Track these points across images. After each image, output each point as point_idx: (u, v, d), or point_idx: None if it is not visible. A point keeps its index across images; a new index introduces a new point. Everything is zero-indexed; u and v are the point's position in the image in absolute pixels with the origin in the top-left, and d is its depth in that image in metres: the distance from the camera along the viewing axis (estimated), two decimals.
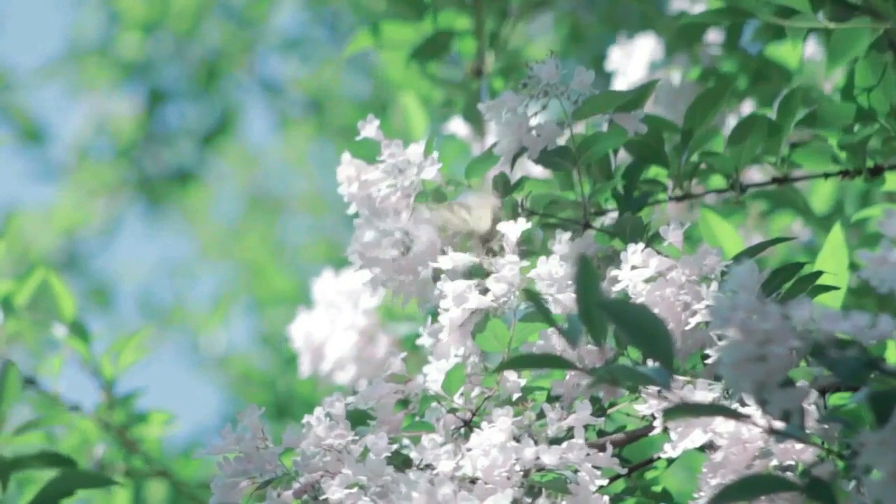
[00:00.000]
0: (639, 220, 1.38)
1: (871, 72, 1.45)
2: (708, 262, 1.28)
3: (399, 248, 1.39)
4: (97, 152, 4.83)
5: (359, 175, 1.42)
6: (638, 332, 1.06)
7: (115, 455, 2.10)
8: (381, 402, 1.30)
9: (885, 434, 1.02)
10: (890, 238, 1.06)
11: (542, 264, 1.31)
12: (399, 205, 1.41)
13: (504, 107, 1.39)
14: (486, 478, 1.18)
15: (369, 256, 1.40)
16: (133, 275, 5.07)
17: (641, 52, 1.98)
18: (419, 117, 2.09)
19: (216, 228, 5.04)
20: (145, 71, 4.54)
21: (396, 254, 1.39)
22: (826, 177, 1.53)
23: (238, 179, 5.11)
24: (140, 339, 2.02)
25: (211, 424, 3.71)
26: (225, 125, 4.68)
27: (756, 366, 1.03)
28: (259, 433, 1.25)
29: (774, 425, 1.07)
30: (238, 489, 1.24)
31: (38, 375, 2.04)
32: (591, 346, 1.28)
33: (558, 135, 1.39)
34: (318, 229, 4.92)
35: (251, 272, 4.70)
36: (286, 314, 3.38)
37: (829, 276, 1.34)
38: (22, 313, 2.00)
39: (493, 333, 1.29)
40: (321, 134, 4.67)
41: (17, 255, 4.29)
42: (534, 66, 1.37)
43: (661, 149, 1.47)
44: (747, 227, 1.99)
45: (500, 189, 1.39)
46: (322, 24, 4.47)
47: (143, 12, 4.37)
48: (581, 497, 1.19)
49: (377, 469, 1.19)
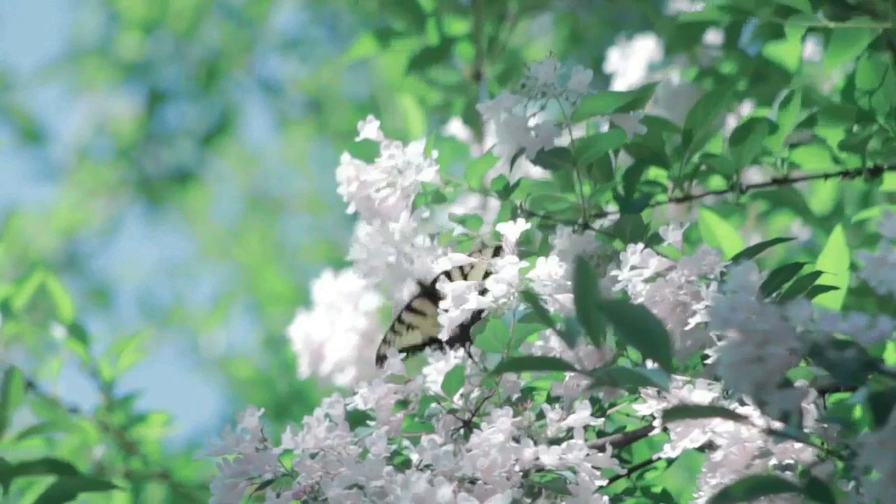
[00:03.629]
0: (638, 220, 1.38)
1: (870, 72, 1.45)
2: (707, 263, 1.28)
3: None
4: (97, 152, 4.83)
5: (358, 175, 1.42)
6: (636, 332, 1.06)
7: (115, 456, 2.10)
8: (380, 402, 1.30)
9: (884, 434, 1.02)
10: (889, 239, 1.06)
11: (541, 265, 1.31)
12: (398, 205, 1.41)
13: (502, 107, 1.39)
14: (485, 478, 1.18)
15: (371, 265, 1.40)
16: (133, 275, 5.07)
17: (640, 54, 1.98)
18: (417, 119, 2.09)
19: (216, 229, 5.04)
20: (145, 71, 4.54)
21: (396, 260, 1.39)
22: (826, 177, 1.53)
23: (238, 179, 5.11)
24: (139, 340, 2.02)
25: (210, 425, 3.71)
26: (224, 125, 4.68)
27: (755, 366, 1.03)
28: (258, 434, 1.25)
29: (773, 425, 1.07)
30: (237, 490, 1.24)
31: (37, 377, 2.04)
32: (590, 347, 1.28)
33: (556, 135, 1.38)
34: (318, 229, 4.92)
35: (251, 272, 4.70)
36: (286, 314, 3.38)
37: (829, 276, 1.34)
38: (21, 315, 2.00)
39: (492, 334, 1.29)
40: (321, 134, 4.67)
41: (16, 256, 4.30)
42: (532, 67, 1.37)
43: (662, 150, 1.47)
44: (746, 227, 1.99)
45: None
46: (322, 24, 4.47)
47: (143, 12, 4.37)
48: (581, 497, 1.19)
49: (376, 470, 1.19)
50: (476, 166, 1.45)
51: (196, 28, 4.45)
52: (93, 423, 2.04)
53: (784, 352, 1.03)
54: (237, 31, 4.52)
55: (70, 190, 4.83)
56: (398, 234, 1.40)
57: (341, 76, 4.51)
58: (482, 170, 1.45)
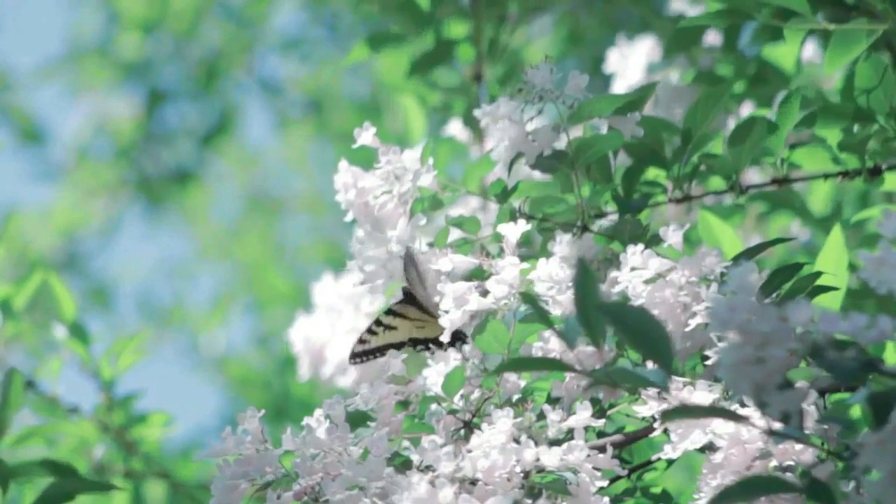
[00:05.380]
0: (638, 221, 1.39)
1: (870, 73, 1.45)
2: (707, 264, 1.28)
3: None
4: (97, 152, 4.83)
5: (356, 182, 1.42)
6: (636, 334, 1.06)
7: (115, 456, 2.10)
8: (381, 403, 1.30)
9: (884, 435, 1.02)
10: (889, 239, 1.06)
11: (542, 266, 1.31)
12: (396, 212, 1.41)
13: (500, 112, 1.39)
14: (486, 479, 1.18)
15: (371, 271, 1.40)
16: (132, 275, 5.07)
17: (640, 55, 1.98)
18: (418, 120, 2.09)
19: (215, 229, 5.04)
20: (145, 71, 4.54)
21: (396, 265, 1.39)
22: (826, 178, 1.53)
23: (237, 180, 5.11)
24: (139, 340, 2.02)
25: (210, 425, 3.71)
26: (224, 125, 4.68)
27: (755, 367, 1.03)
28: (259, 435, 1.25)
29: (773, 426, 1.07)
30: (238, 491, 1.24)
31: (37, 377, 2.04)
32: (590, 348, 1.28)
33: (554, 139, 1.39)
34: (318, 230, 4.92)
35: (250, 272, 4.70)
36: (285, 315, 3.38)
37: (828, 276, 1.34)
38: (21, 315, 2.00)
39: (493, 335, 1.29)
40: (320, 134, 4.67)
41: (16, 256, 4.30)
42: (528, 72, 1.37)
43: (661, 151, 1.47)
44: (746, 227, 1.99)
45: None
46: (321, 24, 4.46)
47: (143, 12, 4.37)
48: (581, 498, 1.19)
49: (377, 471, 1.19)
50: (475, 170, 1.45)
51: (196, 28, 4.45)
52: (93, 423, 2.04)
53: (784, 353, 1.03)
54: (237, 31, 4.52)
55: (70, 190, 4.84)
56: (395, 240, 1.40)
57: (341, 76, 4.51)
58: (481, 173, 1.46)
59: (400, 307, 1.40)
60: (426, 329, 1.38)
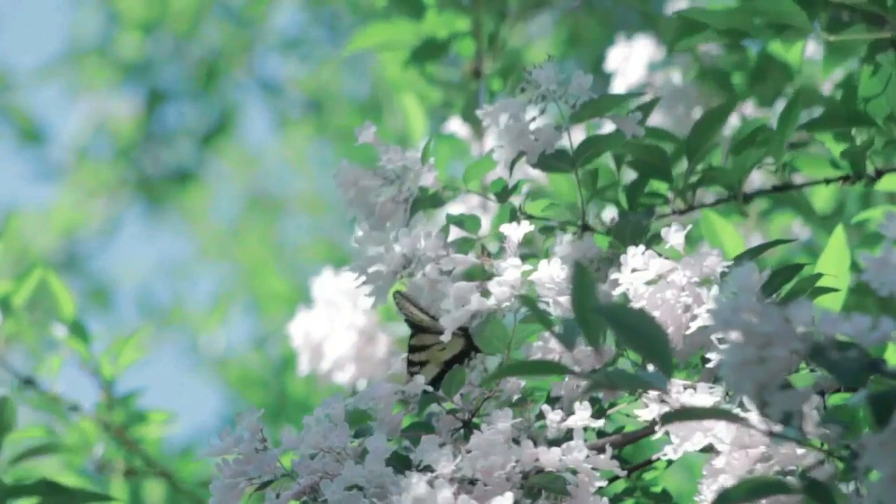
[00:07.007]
0: (639, 222, 1.38)
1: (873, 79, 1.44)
2: (708, 264, 1.28)
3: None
4: (96, 152, 4.83)
5: (356, 181, 1.41)
6: (635, 335, 1.05)
7: (115, 455, 2.10)
8: (380, 402, 1.30)
9: (885, 436, 1.02)
10: (890, 240, 1.06)
11: (543, 267, 1.30)
12: (397, 211, 1.41)
13: (502, 112, 1.38)
14: (485, 479, 1.18)
15: (372, 272, 1.40)
16: (132, 275, 5.07)
17: (640, 53, 1.97)
18: (418, 118, 2.09)
19: (215, 229, 5.04)
20: (144, 71, 4.54)
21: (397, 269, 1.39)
22: (827, 182, 1.53)
23: (237, 179, 5.11)
24: (139, 339, 2.02)
25: (210, 424, 3.71)
26: (224, 125, 4.68)
27: (757, 368, 1.03)
28: (258, 435, 1.25)
29: (773, 428, 1.07)
30: (237, 491, 1.24)
31: (37, 375, 2.04)
32: (590, 349, 1.28)
33: (557, 139, 1.38)
34: (318, 229, 4.92)
35: (250, 272, 4.70)
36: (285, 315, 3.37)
37: (829, 277, 1.33)
38: (21, 313, 2.00)
39: (493, 335, 1.29)
40: (320, 134, 4.67)
41: (16, 256, 4.30)
42: (532, 71, 1.37)
43: (665, 165, 1.46)
44: (747, 227, 1.99)
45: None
46: (321, 24, 4.47)
47: (143, 12, 4.37)
48: (581, 498, 1.19)
49: (376, 470, 1.19)
50: (475, 168, 1.45)
51: (196, 28, 4.45)
52: (93, 422, 2.04)
53: (786, 353, 1.03)
54: (237, 31, 4.52)
55: (70, 190, 4.84)
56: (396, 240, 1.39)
57: (341, 76, 4.51)
58: (481, 172, 1.45)
59: (416, 340, 1.39)
60: (447, 350, 1.37)
